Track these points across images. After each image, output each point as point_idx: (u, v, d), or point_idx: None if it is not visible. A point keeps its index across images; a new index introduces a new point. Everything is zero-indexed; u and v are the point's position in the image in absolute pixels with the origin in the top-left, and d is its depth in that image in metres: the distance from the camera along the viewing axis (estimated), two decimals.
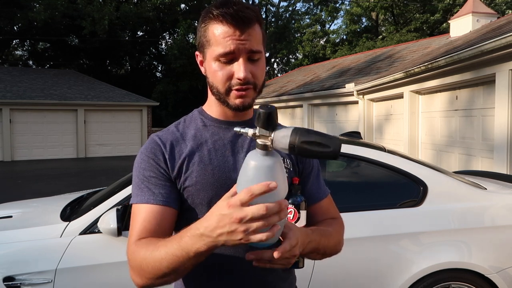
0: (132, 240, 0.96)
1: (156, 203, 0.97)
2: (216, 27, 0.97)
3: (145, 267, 0.88)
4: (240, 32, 0.95)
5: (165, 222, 0.97)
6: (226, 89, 0.99)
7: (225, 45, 0.95)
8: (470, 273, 2.41)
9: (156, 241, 0.90)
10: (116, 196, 2.38)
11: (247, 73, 0.96)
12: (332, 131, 11.80)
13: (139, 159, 1.04)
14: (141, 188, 1.00)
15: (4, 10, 19.26)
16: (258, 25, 0.99)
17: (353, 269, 2.37)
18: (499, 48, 5.06)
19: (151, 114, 18.04)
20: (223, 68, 0.98)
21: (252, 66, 0.98)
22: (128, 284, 2.23)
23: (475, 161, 6.34)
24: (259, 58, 1.00)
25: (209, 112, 1.10)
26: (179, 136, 1.06)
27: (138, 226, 0.96)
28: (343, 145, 2.68)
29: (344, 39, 27.06)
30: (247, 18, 0.95)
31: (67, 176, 11.16)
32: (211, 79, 1.01)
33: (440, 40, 11.64)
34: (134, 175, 1.03)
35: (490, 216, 2.54)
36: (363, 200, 2.55)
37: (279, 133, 0.82)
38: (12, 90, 15.77)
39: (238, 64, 0.96)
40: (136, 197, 1.00)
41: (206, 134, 1.06)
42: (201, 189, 0.99)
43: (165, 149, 1.02)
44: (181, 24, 20.39)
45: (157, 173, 1.00)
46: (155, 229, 0.96)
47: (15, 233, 2.36)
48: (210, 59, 1.00)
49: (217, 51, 0.96)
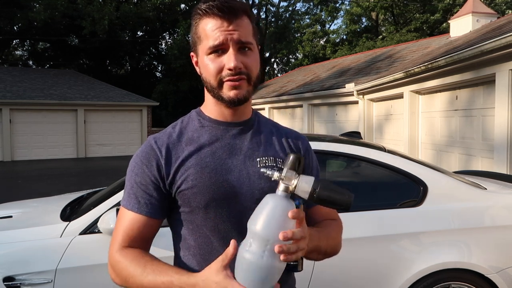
0: (116, 246, 1.01)
1: (140, 212, 1.00)
2: (205, 21, 0.97)
3: (130, 281, 0.96)
4: (227, 23, 0.95)
5: (146, 231, 1.01)
6: (218, 82, 0.98)
7: (214, 37, 0.95)
8: (470, 273, 2.41)
9: (143, 261, 0.96)
10: (116, 196, 2.38)
11: (237, 62, 0.95)
12: (332, 131, 11.80)
13: (133, 162, 1.04)
14: (129, 194, 1.02)
15: (4, 10, 19.26)
16: (246, 17, 0.99)
17: (353, 269, 2.37)
18: (499, 48, 5.06)
19: (151, 114, 18.04)
20: (214, 60, 0.97)
21: (243, 57, 0.97)
22: None
23: (475, 161, 6.34)
24: (250, 49, 0.99)
25: (206, 112, 1.08)
26: (176, 138, 1.05)
27: (122, 233, 1.01)
28: (343, 145, 2.68)
29: (344, 39, 27.07)
30: (233, 9, 0.95)
31: (67, 176, 11.16)
32: (204, 74, 1.01)
33: (440, 40, 11.64)
34: (127, 178, 1.04)
35: (490, 216, 2.54)
36: (363, 200, 2.55)
37: (303, 180, 0.88)
38: (12, 90, 15.77)
39: (228, 54, 0.96)
40: (124, 201, 1.03)
41: (203, 135, 1.05)
42: (198, 193, 0.98)
43: (160, 155, 1.01)
44: (181, 24, 20.38)
45: (147, 180, 1.00)
46: (136, 237, 1.01)
47: (15, 233, 2.35)
48: (202, 54, 0.99)
49: (207, 45, 0.97)
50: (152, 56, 26.52)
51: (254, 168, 1.02)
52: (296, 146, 1.12)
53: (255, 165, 1.03)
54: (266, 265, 0.82)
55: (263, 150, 1.06)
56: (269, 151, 1.06)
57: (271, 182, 0.97)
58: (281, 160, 1.06)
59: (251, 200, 0.99)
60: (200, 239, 1.01)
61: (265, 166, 1.02)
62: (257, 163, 1.03)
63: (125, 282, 0.98)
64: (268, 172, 0.90)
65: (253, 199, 0.98)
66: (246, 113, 1.08)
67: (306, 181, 0.87)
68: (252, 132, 1.07)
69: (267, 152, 1.06)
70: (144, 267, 0.95)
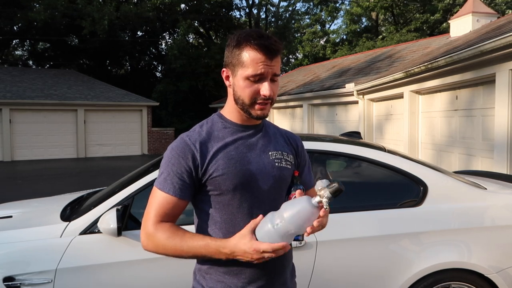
0: (151, 220, 1.24)
1: (174, 195, 1.25)
2: (252, 53, 1.22)
3: (168, 248, 1.21)
4: (270, 60, 1.23)
5: (176, 210, 1.26)
6: (251, 102, 1.26)
7: (257, 68, 1.22)
8: (470, 273, 2.41)
9: (180, 232, 1.22)
10: (116, 196, 2.38)
11: (271, 92, 1.25)
12: (332, 131, 11.80)
13: (170, 155, 1.27)
14: (166, 179, 1.25)
15: (4, 10, 19.25)
16: (280, 55, 1.27)
17: (353, 269, 2.37)
18: (499, 48, 5.06)
19: (151, 114, 18.03)
20: (251, 85, 1.24)
21: (273, 86, 1.26)
22: (128, 283, 2.23)
23: (475, 161, 6.34)
24: (277, 80, 1.28)
25: (228, 117, 1.35)
26: (205, 136, 1.30)
27: (157, 210, 1.25)
28: (343, 145, 2.68)
29: (344, 39, 27.06)
30: (276, 50, 1.23)
31: (67, 176, 11.16)
32: (239, 93, 1.27)
33: (440, 40, 11.64)
34: (163, 166, 1.27)
35: (490, 216, 2.54)
36: (363, 200, 2.55)
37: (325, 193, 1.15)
38: (12, 90, 15.77)
39: (264, 84, 1.24)
40: (160, 184, 1.26)
41: (227, 134, 1.31)
42: (227, 179, 1.25)
43: (195, 149, 1.26)
44: (181, 24, 20.36)
45: (182, 170, 1.25)
46: (169, 214, 1.25)
47: (15, 233, 2.36)
48: (241, 77, 1.25)
49: (249, 72, 1.23)
50: (152, 56, 26.51)
51: (267, 160, 1.33)
52: (295, 143, 1.46)
53: (268, 157, 1.33)
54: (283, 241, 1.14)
55: (273, 146, 1.37)
56: (277, 146, 1.38)
57: (281, 171, 1.33)
58: (286, 153, 1.38)
59: (267, 184, 1.30)
60: (226, 215, 1.28)
61: (276, 158, 1.34)
62: (270, 156, 1.34)
63: (163, 249, 1.22)
64: (318, 188, 1.16)
65: (268, 183, 1.31)
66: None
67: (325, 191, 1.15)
68: (263, 133, 1.38)
69: (275, 147, 1.37)
70: (182, 236, 1.21)
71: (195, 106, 21.40)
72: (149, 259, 2.20)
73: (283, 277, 1.36)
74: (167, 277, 2.23)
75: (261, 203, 1.28)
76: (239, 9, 30.04)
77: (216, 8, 23.61)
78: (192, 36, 25.41)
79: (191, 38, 25.53)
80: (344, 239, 2.36)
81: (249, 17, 27.40)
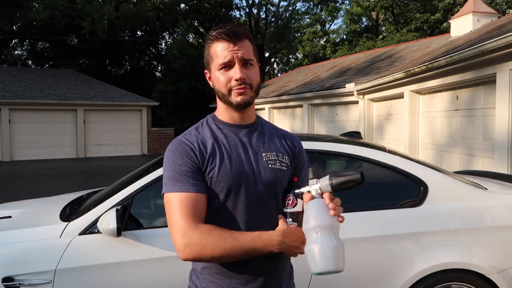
0: (185, 224, 1.17)
1: (196, 191, 1.22)
2: (216, 44, 1.26)
3: (217, 246, 1.16)
4: (233, 44, 1.24)
5: (202, 206, 1.22)
6: (228, 90, 1.25)
7: (223, 56, 1.24)
8: (471, 273, 2.41)
9: (227, 230, 1.18)
10: (116, 196, 2.37)
11: (242, 74, 1.23)
12: (332, 131, 11.79)
13: (173, 156, 1.25)
14: (178, 181, 1.22)
15: (3, 9, 19.24)
16: (248, 40, 1.27)
17: (353, 269, 2.36)
18: (500, 47, 5.06)
19: (151, 114, 18.03)
20: (224, 74, 1.25)
21: (247, 71, 1.25)
22: (128, 284, 2.23)
23: (475, 161, 6.33)
24: (251, 64, 1.27)
25: (220, 117, 1.34)
26: (202, 137, 1.30)
27: (184, 212, 1.19)
28: (343, 145, 2.68)
29: (344, 39, 27.06)
30: (237, 33, 1.24)
31: (67, 176, 11.16)
32: (216, 85, 1.28)
33: (440, 39, 11.64)
34: (169, 170, 1.24)
35: (490, 216, 2.53)
36: (363, 201, 2.54)
37: (322, 181, 1.18)
38: (11, 90, 15.76)
39: (234, 69, 1.24)
40: (174, 187, 1.22)
41: (220, 135, 1.31)
42: (222, 179, 1.24)
43: (194, 148, 1.26)
44: (181, 24, 20.36)
45: (191, 168, 1.23)
46: (200, 213, 1.21)
47: (15, 233, 2.35)
48: (215, 70, 1.27)
49: (218, 62, 1.25)
50: (152, 56, 26.49)
51: (261, 161, 1.31)
52: (292, 144, 1.42)
53: (262, 159, 1.31)
54: (335, 244, 1.17)
55: (267, 146, 1.34)
56: (271, 147, 1.35)
57: (274, 172, 1.30)
58: (282, 154, 1.35)
59: (260, 185, 1.29)
60: (222, 216, 1.26)
61: (269, 159, 1.31)
62: (263, 157, 1.32)
63: (210, 251, 1.16)
64: (302, 190, 1.20)
65: (261, 184, 1.29)
66: (251, 117, 1.36)
67: (323, 180, 1.17)
68: (257, 133, 1.35)
69: (270, 148, 1.34)
70: (230, 233, 1.18)
71: (195, 106, 21.37)
72: (149, 259, 2.19)
73: (278, 280, 1.35)
74: (167, 277, 2.23)
75: (256, 205, 1.27)
76: (239, 9, 30.16)
77: (216, 8, 23.60)
78: (192, 36, 25.38)
79: (191, 38, 25.50)
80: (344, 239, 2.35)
81: (249, 17, 27.40)
